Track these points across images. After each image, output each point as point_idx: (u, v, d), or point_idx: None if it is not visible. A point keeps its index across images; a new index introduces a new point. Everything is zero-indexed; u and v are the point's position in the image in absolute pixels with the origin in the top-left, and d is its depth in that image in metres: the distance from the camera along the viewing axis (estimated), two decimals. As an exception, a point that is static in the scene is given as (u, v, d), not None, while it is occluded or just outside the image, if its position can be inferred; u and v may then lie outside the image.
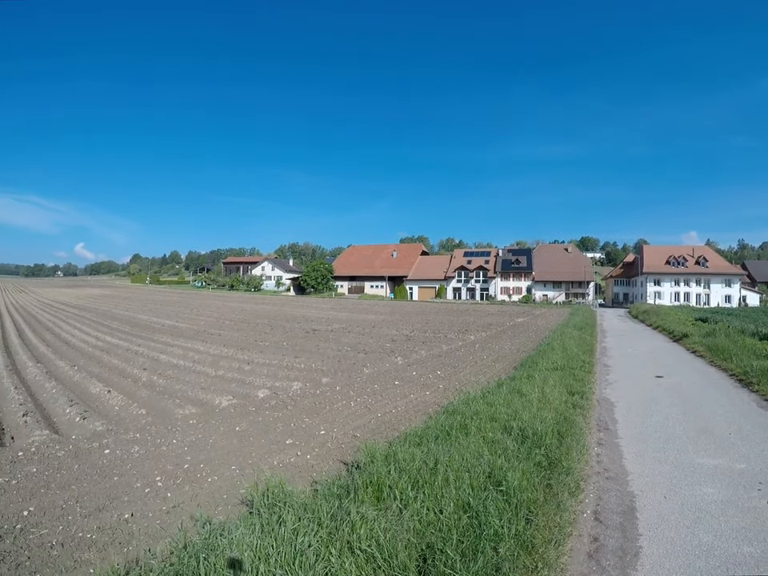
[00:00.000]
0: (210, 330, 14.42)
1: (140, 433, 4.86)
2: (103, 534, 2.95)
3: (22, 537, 2.83)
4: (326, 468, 3.80)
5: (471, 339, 12.08)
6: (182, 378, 7.55)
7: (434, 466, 3.09)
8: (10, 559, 2.60)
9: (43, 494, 3.42)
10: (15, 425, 5.24)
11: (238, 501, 3.31)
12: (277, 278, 65.14)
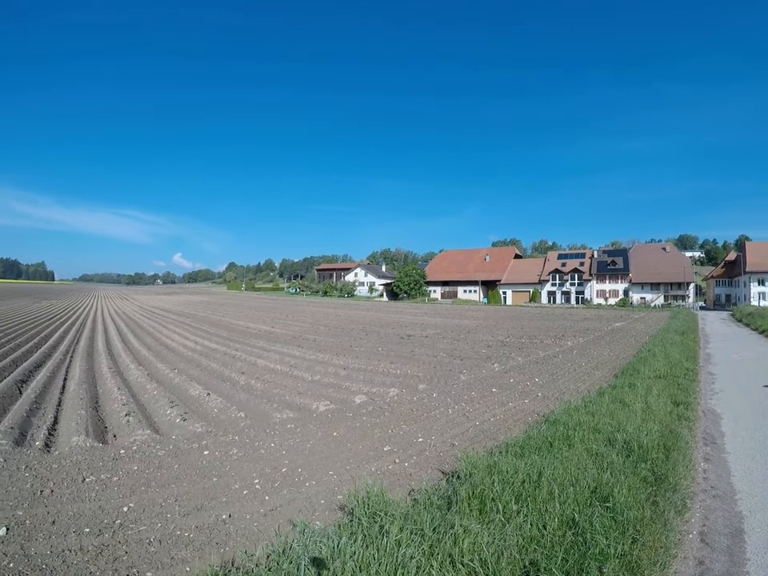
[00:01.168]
0: (305, 336, 20.23)
1: (239, 435, 6.83)
2: (201, 533, 4.09)
3: (121, 532, 4.06)
4: (425, 477, 5.15)
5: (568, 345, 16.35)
6: (279, 383, 10.57)
7: (537, 478, 4.29)
8: (108, 553, 3.75)
9: (143, 491, 4.92)
10: (118, 424, 7.73)
11: (336, 507, 4.47)
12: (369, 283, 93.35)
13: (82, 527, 4.20)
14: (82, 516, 4.43)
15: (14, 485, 5.11)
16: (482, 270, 76.44)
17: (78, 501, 4.77)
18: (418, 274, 75.22)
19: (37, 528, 4.18)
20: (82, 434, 6.83)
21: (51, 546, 3.89)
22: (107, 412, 8.82)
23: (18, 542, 3.93)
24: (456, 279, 77.05)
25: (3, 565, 3.59)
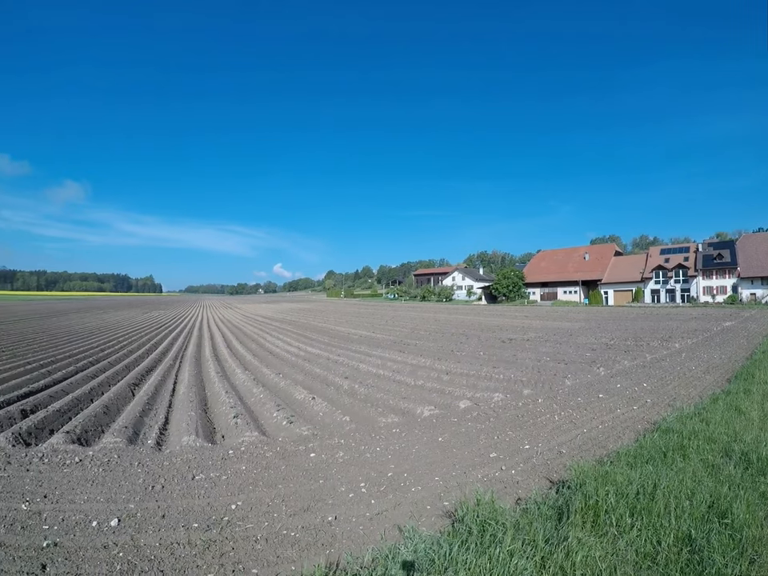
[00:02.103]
0: (406, 340, 25.64)
1: (344, 439, 8.65)
2: (306, 533, 5.22)
3: (229, 529, 5.29)
4: (532, 485, 6.40)
5: (676, 347, 21.15)
6: (383, 387, 13.68)
7: (652, 490, 5.48)
8: (215, 548, 4.90)
9: (251, 490, 6.38)
10: (226, 425, 10.23)
11: (442, 513, 5.60)
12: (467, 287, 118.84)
13: (190, 522, 5.48)
14: (190, 511, 5.77)
15: (127, 480, 6.77)
16: (582, 269, 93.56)
17: (188, 497, 6.22)
18: (516, 275, 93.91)
19: (147, 521, 5.50)
20: (192, 434, 8.91)
21: (160, 538, 5.10)
22: (215, 414, 11.62)
23: (129, 533, 5.21)
24: (555, 280, 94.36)
25: (114, 554, 4.84)
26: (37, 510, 5.98)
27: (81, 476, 7.08)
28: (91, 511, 5.95)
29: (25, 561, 4.84)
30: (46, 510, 5.99)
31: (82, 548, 5.11)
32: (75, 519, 5.75)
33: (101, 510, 5.97)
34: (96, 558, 4.90)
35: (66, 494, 6.44)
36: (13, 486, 6.66)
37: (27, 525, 5.59)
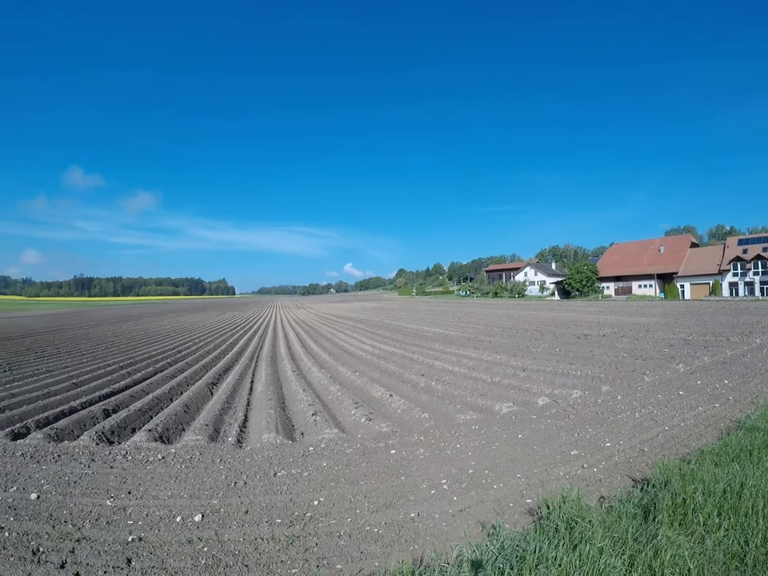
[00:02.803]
0: (480, 337, 26.00)
1: (424, 436, 8.82)
2: (390, 530, 5.35)
3: (312, 524, 5.46)
4: (615, 484, 6.48)
5: (757, 343, 21.26)
6: (459, 384, 13.87)
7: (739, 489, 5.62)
8: (299, 543, 5.06)
9: (332, 486, 6.55)
10: (305, 423, 10.65)
11: (525, 511, 5.71)
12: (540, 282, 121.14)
13: (273, 518, 5.67)
14: (273, 507, 5.97)
15: (210, 476, 7.05)
16: (657, 262, 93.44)
17: (270, 493, 6.43)
18: (590, 270, 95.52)
19: (230, 516, 5.72)
20: (272, 432, 9.20)
21: (244, 533, 5.30)
22: (294, 412, 12.07)
23: (213, 528, 5.44)
24: (629, 274, 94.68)
25: (198, 549, 5.03)
26: (121, 505, 6.24)
27: (164, 473, 7.38)
28: (175, 507, 6.18)
29: (110, 555, 5.04)
30: (130, 505, 6.24)
31: (166, 543, 5.27)
32: (159, 514, 5.96)
33: (184, 506, 6.19)
34: (181, 553, 5.05)
35: (150, 490, 6.71)
36: (97, 483, 7.00)
37: (112, 520, 5.84)
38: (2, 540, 5.34)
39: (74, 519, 5.88)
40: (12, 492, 6.68)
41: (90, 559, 4.96)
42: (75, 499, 6.45)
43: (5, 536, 5.43)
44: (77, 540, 5.34)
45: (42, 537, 5.43)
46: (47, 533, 5.52)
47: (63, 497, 6.53)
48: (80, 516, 5.96)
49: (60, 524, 5.74)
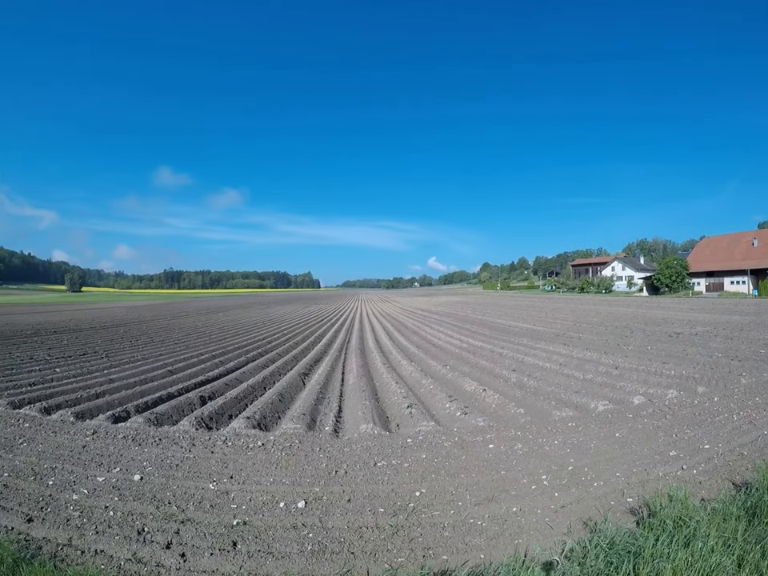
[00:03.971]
0: (569, 333, 26.05)
1: (520, 431, 8.94)
2: (493, 523, 5.47)
3: (415, 515, 5.60)
4: (715, 486, 6.51)
5: None
6: (551, 381, 14.01)
7: None
8: (403, 533, 5.21)
9: (433, 478, 6.68)
10: (399, 415, 10.92)
11: (626, 509, 5.80)
12: (628, 277, 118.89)
13: (376, 507, 5.83)
14: (375, 497, 6.14)
15: (310, 464, 7.30)
16: (750, 256, 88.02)
17: (371, 483, 6.61)
18: (680, 265, 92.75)
19: (333, 504, 5.90)
20: (369, 423, 9.47)
21: (348, 521, 5.46)
22: (387, 404, 12.33)
23: (317, 515, 5.62)
24: (721, 269, 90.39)
25: (303, 534, 5.20)
26: (224, 489, 6.49)
27: (264, 459, 7.65)
28: (277, 493, 6.38)
29: (216, 537, 5.22)
30: (233, 490, 6.48)
31: (271, 527, 5.44)
32: (262, 500, 6.17)
33: (287, 492, 6.39)
34: (286, 538, 5.20)
35: (252, 476, 6.95)
36: (199, 467, 7.31)
37: (216, 504, 6.07)
38: (108, 519, 5.66)
39: (178, 501, 6.15)
40: (115, 473, 7.09)
41: (195, 541, 5.17)
42: (178, 482, 6.76)
43: (110, 515, 5.76)
44: (181, 521, 5.58)
45: (147, 517, 5.71)
46: (151, 513, 5.80)
47: (166, 479, 6.86)
48: (183, 498, 6.23)
49: (164, 505, 6.02)
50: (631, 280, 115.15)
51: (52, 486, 6.63)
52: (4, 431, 9.18)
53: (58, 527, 5.48)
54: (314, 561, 4.77)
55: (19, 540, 5.18)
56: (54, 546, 5.12)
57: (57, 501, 6.16)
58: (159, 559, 4.83)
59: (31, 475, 7.00)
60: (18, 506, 6.03)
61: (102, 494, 6.35)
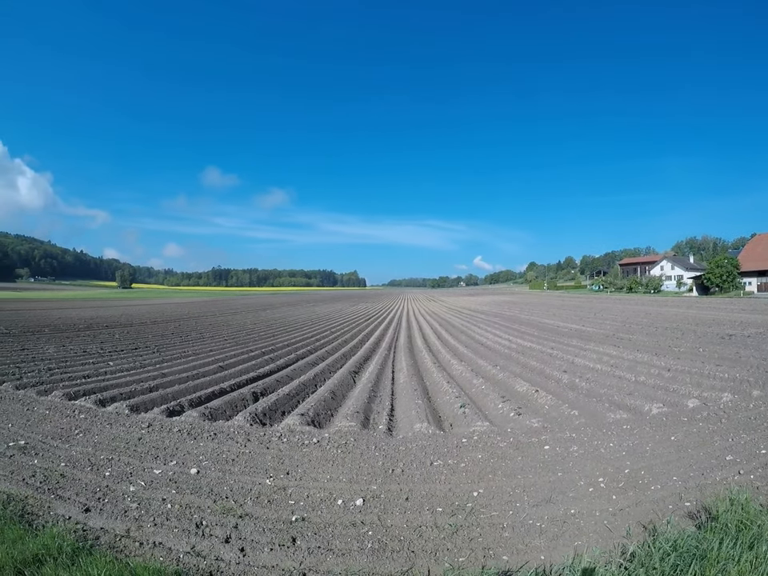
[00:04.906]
0: (618, 334, 26.05)
1: (575, 433, 8.91)
2: (552, 524, 5.47)
3: (473, 515, 5.63)
4: None
5: None
6: (603, 382, 14.06)
7: None
8: (463, 533, 5.24)
9: (490, 479, 6.72)
10: (452, 414, 10.92)
11: (684, 513, 5.78)
12: (677, 277, 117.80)
13: (434, 506, 5.85)
14: (433, 496, 6.15)
15: (366, 462, 7.38)
16: None
17: (429, 482, 6.64)
18: (731, 264, 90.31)
19: (391, 502, 5.95)
20: (423, 422, 9.53)
21: (406, 520, 5.49)
22: (439, 403, 12.37)
23: (375, 513, 5.67)
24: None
25: (363, 532, 5.24)
26: (281, 485, 6.57)
27: (320, 456, 7.75)
28: (335, 490, 6.44)
29: (275, 533, 5.29)
30: (290, 486, 6.55)
31: (330, 524, 5.49)
32: (320, 496, 6.23)
33: (344, 490, 6.45)
34: (345, 535, 5.24)
35: (309, 472, 7.04)
36: (255, 462, 7.42)
37: (273, 499, 6.15)
38: (166, 511, 5.80)
39: (235, 495, 6.26)
40: (172, 466, 7.27)
41: (254, 536, 5.24)
42: (234, 477, 6.87)
43: (167, 507, 5.90)
44: (239, 516, 5.67)
45: (205, 511, 5.82)
46: (209, 507, 5.91)
47: (222, 473, 6.99)
48: (241, 493, 6.34)
49: (221, 499, 6.14)
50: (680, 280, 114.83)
51: (109, 476, 6.84)
52: (60, 422, 9.54)
53: (116, 518, 5.64)
54: (375, 559, 4.79)
55: (77, 530, 5.33)
56: (111, 536, 5.25)
57: (114, 492, 6.34)
58: (218, 553, 4.91)
59: (88, 466, 7.24)
60: (76, 495, 6.24)
61: (159, 487, 6.52)
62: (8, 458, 7.60)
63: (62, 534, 5.04)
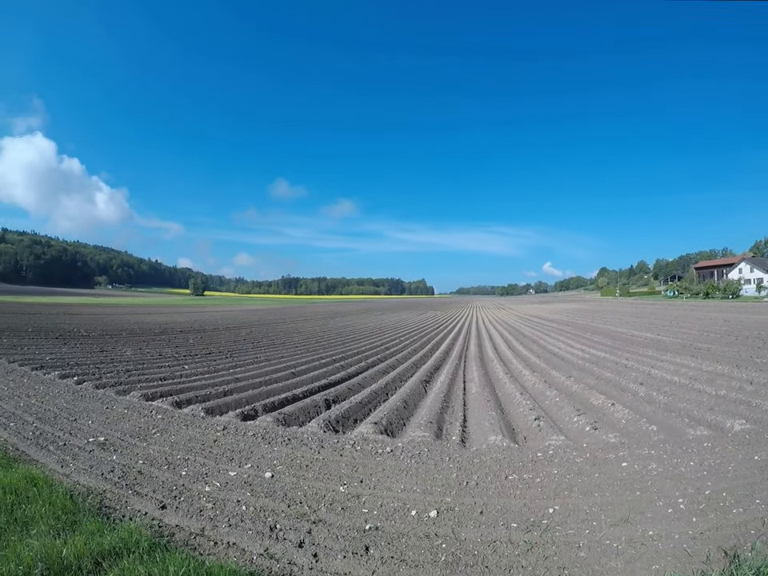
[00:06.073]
0: (696, 344, 25.08)
1: (654, 450, 8.60)
2: (629, 546, 5.28)
3: (549, 533, 5.51)
4: None
5: None
6: (682, 396, 13.47)
7: None
8: (538, 551, 5.16)
9: (566, 495, 6.56)
10: (526, 427, 10.75)
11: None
12: (757, 280, 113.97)
13: (509, 521, 5.76)
14: (508, 511, 6.05)
15: (440, 473, 7.32)
16: None
17: (503, 496, 6.56)
18: None
19: (466, 515, 5.90)
20: (497, 434, 9.42)
21: (481, 534, 5.43)
22: (512, 415, 12.19)
23: (449, 525, 5.63)
24: None
25: (436, 545, 5.21)
26: (355, 493, 6.64)
27: (394, 465, 7.78)
28: (408, 500, 6.45)
29: (348, 540, 5.35)
30: (363, 494, 6.61)
31: (403, 535, 5.50)
32: (393, 506, 6.26)
33: (418, 500, 6.45)
34: (419, 547, 5.24)
35: (382, 482, 7.09)
36: (329, 469, 7.53)
37: (347, 507, 6.23)
38: (240, 513, 5.99)
39: (309, 501, 6.37)
40: (247, 468, 7.49)
41: (327, 542, 5.31)
42: (308, 482, 7.00)
43: (242, 509, 6.09)
44: (313, 522, 5.77)
45: (279, 514, 5.96)
46: (283, 511, 6.05)
47: (296, 478, 7.13)
48: (314, 499, 6.45)
49: (295, 504, 6.27)
50: (761, 283, 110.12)
51: (185, 476, 7.14)
52: (138, 421, 10.07)
53: (191, 516, 5.86)
54: (448, 572, 4.78)
55: (153, 525, 5.58)
56: (186, 534, 5.46)
57: (190, 491, 6.61)
58: (291, 557, 5.01)
59: (165, 464, 7.59)
60: (152, 492, 6.55)
61: (234, 488, 6.73)
62: (88, 452, 8.08)
63: (138, 529, 5.28)
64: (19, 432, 9.18)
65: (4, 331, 28.24)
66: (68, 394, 12.55)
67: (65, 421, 9.96)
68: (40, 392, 12.67)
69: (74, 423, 9.81)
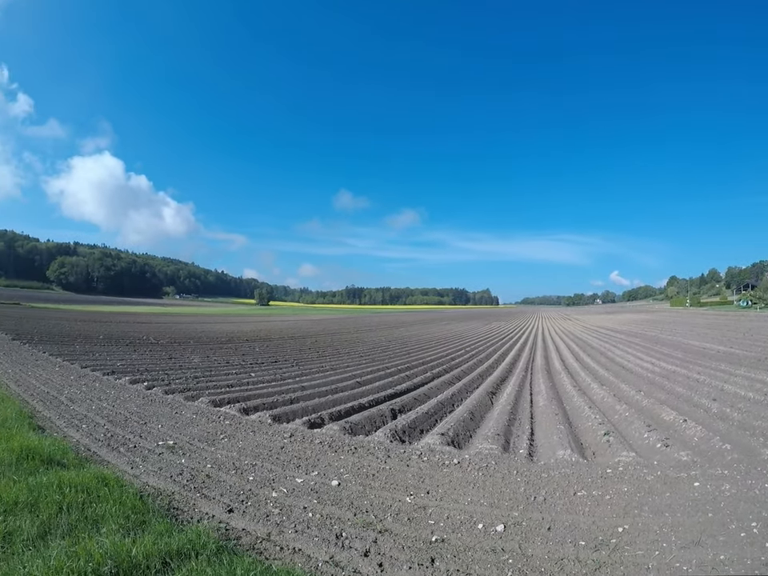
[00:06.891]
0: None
1: (727, 470, 8.26)
2: (700, 570, 5.09)
3: (617, 552, 5.41)
4: None
5: None
6: (757, 413, 12.83)
7: None
8: (606, 571, 5.05)
9: (636, 514, 6.42)
10: (595, 442, 10.65)
11: None
12: None
13: (577, 539, 5.68)
14: (576, 528, 5.97)
15: (507, 487, 7.31)
16: None
17: (572, 513, 6.48)
18: None
19: (533, 531, 5.84)
20: (566, 449, 9.35)
21: (548, 551, 5.37)
22: (580, 429, 11.99)
23: (516, 540, 5.58)
24: None
25: (503, 560, 5.17)
26: (421, 504, 6.65)
27: (461, 477, 7.77)
28: (475, 513, 6.43)
29: (414, 551, 5.36)
30: (430, 505, 6.62)
31: (470, 548, 5.48)
32: (460, 519, 6.24)
33: (485, 514, 6.41)
34: (485, 561, 5.21)
35: (449, 493, 7.08)
36: (396, 479, 7.59)
37: (413, 517, 6.25)
38: (306, 519, 6.09)
39: (375, 510, 6.44)
40: (313, 476, 7.62)
41: (393, 552, 5.34)
42: (374, 492, 7.07)
43: (308, 516, 6.20)
44: (379, 531, 5.82)
45: (345, 523, 6.03)
46: (349, 519, 6.12)
47: (363, 487, 7.22)
48: (381, 508, 6.51)
49: (361, 513, 6.34)
50: None
51: (252, 481, 7.33)
52: (206, 426, 10.41)
53: (258, 521, 6.01)
54: (515, 588, 4.63)
55: (220, 528, 5.74)
56: (252, 538, 5.60)
57: (257, 496, 6.78)
58: (357, 566, 5.06)
59: (232, 469, 7.81)
60: (220, 496, 6.76)
61: (300, 495, 6.86)
62: (157, 455, 8.41)
63: (206, 531, 5.43)
64: (91, 434, 9.66)
65: (76, 338, 29.89)
66: (138, 398, 13.19)
67: (135, 424, 10.45)
68: (111, 396, 13.34)
69: (144, 426, 10.27)
